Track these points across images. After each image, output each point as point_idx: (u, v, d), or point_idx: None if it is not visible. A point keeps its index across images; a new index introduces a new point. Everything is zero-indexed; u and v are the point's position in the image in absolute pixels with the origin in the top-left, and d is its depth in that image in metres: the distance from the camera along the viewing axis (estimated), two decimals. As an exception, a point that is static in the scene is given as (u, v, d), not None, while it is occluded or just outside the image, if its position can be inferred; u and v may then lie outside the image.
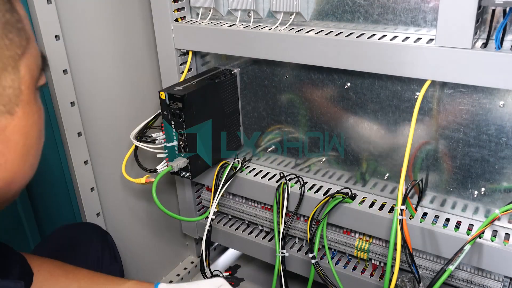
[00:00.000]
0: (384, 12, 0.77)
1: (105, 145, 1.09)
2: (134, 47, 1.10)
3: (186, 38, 0.96)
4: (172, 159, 0.93)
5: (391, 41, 0.73)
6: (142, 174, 0.98)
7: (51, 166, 0.99)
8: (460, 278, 0.81)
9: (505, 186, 0.76)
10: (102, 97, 1.06)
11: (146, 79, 1.14)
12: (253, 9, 0.88)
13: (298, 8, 0.83)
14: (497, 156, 0.75)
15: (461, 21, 0.65)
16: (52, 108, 0.96)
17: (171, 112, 0.88)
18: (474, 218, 0.81)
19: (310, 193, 0.92)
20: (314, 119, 0.92)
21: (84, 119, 1.02)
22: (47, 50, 0.90)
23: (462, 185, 0.81)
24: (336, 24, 0.83)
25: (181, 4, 0.97)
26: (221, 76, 0.95)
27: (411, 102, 0.80)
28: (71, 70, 0.96)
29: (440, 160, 0.81)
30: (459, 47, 0.67)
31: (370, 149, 0.88)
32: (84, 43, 0.99)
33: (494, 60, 0.65)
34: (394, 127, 0.84)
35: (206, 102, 0.92)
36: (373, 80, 0.82)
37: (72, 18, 0.95)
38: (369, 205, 0.87)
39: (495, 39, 0.65)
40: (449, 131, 0.78)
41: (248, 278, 1.26)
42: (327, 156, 0.94)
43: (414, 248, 0.82)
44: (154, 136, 0.95)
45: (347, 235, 0.93)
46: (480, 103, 0.74)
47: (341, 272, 0.94)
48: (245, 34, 0.87)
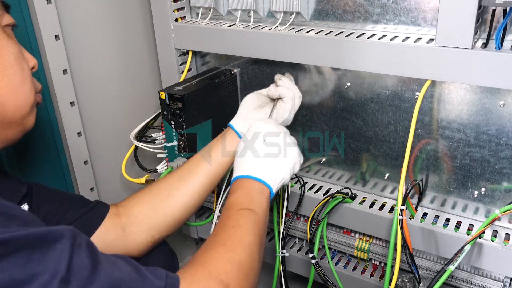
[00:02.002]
0: (384, 12, 0.77)
1: (105, 145, 1.09)
2: (134, 47, 1.10)
3: (186, 38, 0.96)
4: (172, 159, 0.93)
5: (391, 41, 0.73)
6: (142, 174, 0.98)
7: (51, 166, 0.99)
8: (460, 278, 0.81)
9: (505, 186, 0.76)
10: (102, 97, 1.06)
11: (146, 79, 1.14)
12: (253, 9, 0.88)
13: (298, 8, 0.83)
14: (497, 156, 0.75)
15: (462, 21, 0.65)
16: (52, 108, 0.96)
17: (171, 112, 0.88)
18: (474, 218, 0.81)
19: (310, 193, 0.92)
20: (314, 119, 0.92)
21: (84, 119, 1.02)
22: (47, 50, 0.90)
23: (462, 185, 0.80)
24: (336, 24, 0.83)
25: (181, 4, 0.97)
26: (221, 76, 0.95)
27: (411, 102, 0.80)
28: (71, 70, 0.96)
29: (440, 160, 0.81)
30: (459, 47, 0.67)
31: (370, 149, 0.88)
32: (84, 43, 0.99)
33: (494, 60, 0.65)
34: (394, 127, 0.83)
35: (206, 102, 0.91)
36: (373, 80, 0.82)
37: (72, 18, 0.95)
38: (369, 205, 0.87)
39: (495, 39, 0.65)
40: (449, 131, 0.78)
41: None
42: (327, 156, 0.94)
43: (414, 248, 0.82)
44: (154, 136, 0.95)
45: (347, 235, 0.93)
46: (480, 103, 0.74)
47: (341, 272, 0.94)
48: (245, 34, 0.87)
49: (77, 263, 0.43)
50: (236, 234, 0.60)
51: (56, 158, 0.99)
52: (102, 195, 1.10)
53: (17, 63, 0.58)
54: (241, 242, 0.59)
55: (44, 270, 0.41)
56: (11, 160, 0.90)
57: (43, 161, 0.97)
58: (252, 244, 0.59)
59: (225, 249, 0.57)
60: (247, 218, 0.62)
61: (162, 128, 0.92)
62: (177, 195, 0.77)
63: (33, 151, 0.95)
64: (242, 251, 0.57)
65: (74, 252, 0.44)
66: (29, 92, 0.60)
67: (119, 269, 0.46)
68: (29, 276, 0.40)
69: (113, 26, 1.04)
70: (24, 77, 0.59)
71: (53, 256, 0.42)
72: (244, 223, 0.62)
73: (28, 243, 0.41)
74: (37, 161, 0.96)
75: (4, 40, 0.57)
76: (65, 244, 0.43)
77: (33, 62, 0.64)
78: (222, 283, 0.52)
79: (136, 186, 1.14)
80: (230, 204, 0.66)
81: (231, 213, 0.64)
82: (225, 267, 0.54)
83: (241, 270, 0.55)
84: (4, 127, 0.58)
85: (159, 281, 0.48)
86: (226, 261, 0.55)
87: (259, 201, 0.66)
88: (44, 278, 0.40)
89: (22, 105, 0.59)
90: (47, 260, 0.42)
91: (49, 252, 0.42)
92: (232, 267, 0.55)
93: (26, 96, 0.59)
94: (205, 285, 0.51)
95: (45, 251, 0.42)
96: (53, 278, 0.41)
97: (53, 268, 0.41)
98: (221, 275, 0.53)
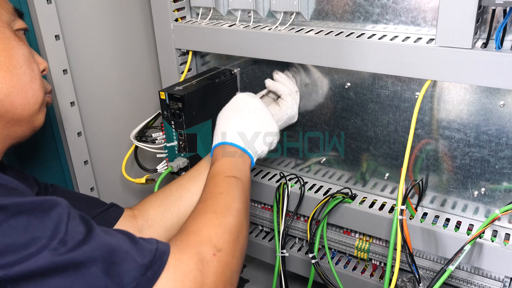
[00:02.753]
0: (384, 12, 0.77)
1: (105, 145, 1.09)
2: (134, 47, 1.10)
3: (186, 38, 0.96)
4: (172, 159, 0.93)
5: (391, 41, 0.73)
6: (142, 174, 0.98)
7: (51, 166, 0.99)
8: (460, 278, 0.81)
9: (505, 186, 0.76)
10: (102, 97, 1.06)
11: (146, 79, 1.14)
12: (253, 9, 0.88)
13: (298, 8, 0.83)
14: (497, 156, 0.75)
15: (461, 21, 0.65)
16: (52, 108, 0.96)
17: (171, 112, 0.88)
18: (474, 218, 0.81)
19: (310, 193, 0.92)
20: (314, 119, 0.92)
21: (84, 119, 1.02)
22: (47, 50, 0.90)
23: (462, 185, 0.81)
24: (336, 24, 0.83)
25: (181, 4, 0.97)
26: (221, 76, 0.95)
27: (411, 102, 0.80)
28: (71, 70, 0.96)
29: (440, 160, 0.81)
30: (459, 47, 0.67)
31: (370, 149, 0.88)
32: (84, 43, 0.99)
33: (494, 60, 0.65)
34: (394, 127, 0.84)
35: (206, 102, 0.91)
36: (373, 80, 0.82)
37: (72, 18, 0.95)
38: (369, 205, 0.87)
39: (495, 39, 0.65)
40: (449, 131, 0.78)
41: (248, 278, 1.26)
42: (327, 156, 0.94)
43: (414, 248, 0.82)
44: (154, 136, 0.95)
45: (347, 235, 0.93)
46: (480, 103, 0.74)
47: (341, 272, 0.94)
48: (245, 34, 0.87)
49: (72, 228, 0.45)
50: (225, 201, 0.62)
51: (56, 158, 0.99)
52: (102, 195, 1.10)
53: (27, 64, 0.61)
54: (230, 208, 0.61)
55: (43, 235, 0.43)
56: (11, 160, 0.90)
57: (43, 161, 0.97)
58: (240, 210, 0.62)
59: (216, 216, 0.59)
60: (234, 185, 0.65)
61: (162, 128, 0.92)
62: (188, 195, 0.78)
63: (33, 151, 0.95)
64: (232, 217, 0.59)
65: (69, 219, 0.46)
66: (38, 91, 0.62)
67: (112, 235, 0.48)
68: (29, 240, 0.42)
69: (113, 26, 1.04)
70: (33, 77, 0.62)
71: (51, 222, 0.44)
72: (231, 190, 0.64)
73: (27, 209, 0.44)
74: (37, 161, 0.96)
75: (15, 42, 0.61)
76: (62, 211, 0.46)
77: (43, 65, 0.67)
78: (215, 247, 0.54)
79: (136, 186, 1.14)
80: (216, 171, 0.68)
81: (218, 180, 0.66)
82: (216, 232, 0.56)
83: (231, 234, 0.57)
84: (13, 124, 0.61)
85: (150, 245, 0.49)
86: (217, 227, 0.57)
87: (243, 170, 0.69)
88: (43, 243, 0.42)
89: (31, 104, 0.62)
90: (45, 225, 0.44)
91: (46, 218, 0.44)
92: (224, 232, 0.57)
93: (35, 95, 0.62)
94: (197, 250, 0.52)
95: (43, 217, 0.44)
96: (51, 241, 0.43)
97: (50, 232, 0.43)
98: (213, 240, 0.55)
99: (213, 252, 0.53)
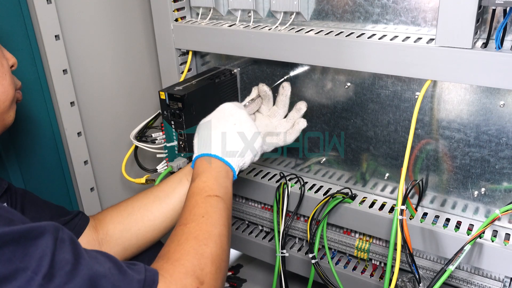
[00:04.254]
0: (384, 12, 0.77)
1: (105, 145, 1.09)
2: (134, 47, 1.10)
3: (186, 38, 0.96)
4: (172, 159, 0.93)
5: (391, 41, 0.73)
6: (142, 174, 0.98)
7: (51, 166, 0.99)
8: (460, 278, 0.81)
9: (505, 186, 0.76)
10: (102, 97, 1.06)
11: (146, 79, 1.14)
12: (253, 9, 0.88)
13: (298, 8, 0.83)
14: (497, 156, 0.75)
15: (462, 21, 0.65)
16: (52, 108, 0.96)
17: (171, 112, 0.88)
18: (474, 218, 0.81)
19: (310, 193, 0.92)
20: (314, 119, 0.92)
21: (84, 119, 1.02)
22: (47, 50, 0.90)
23: (462, 185, 0.81)
24: (336, 24, 0.83)
25: (181, 4, 0.97)
26: (221, 76, 0.95)
27: (411, 102, 0.80)
28: (71, 70, 0.96)
29: (440, 160, 0.81)
30: (460, 47, 0.67)
31: (370, 149, 0.88)
32: (84, 43, 0.99)
33: (494, 60, 0.65)
34: (394, 127, 0.84)
35: (206, 102, 0.91)
36: (373, 80, 0.82)
37: (72, 18, 0.95)
38: (369, 205, 0.87)
39: (495, 39, 0.65)
40: (449, 131, 0.78)
41: (248, 278, 1.26)
42: (327, 156, 0.94)
43: (414, 248, 0.82)
44: (154, 136, 0.95)
45: (347, 235, 0.93)
46: (480, 103, 0.74)
47: (341, 272, 0.94)
48: (245, 34, 0.87)
49: (59, 258, 0.44)
50: (207, 226, 0.60)
51: (56, 158, 0.99)
52: (102, 195, 1.10)
53: None
54: (212, 234, 0.59)
55: (27, 266, 0.42)
56: (11, 160, 0.90)
57: (43, 161, 0.97)
58: (222, 235, 0.61)
59: (198, 243, 0.58)
60: (216, 207, 0.63)
61: (162, 128, 0.92)
62: (151, 217, 0.77)
63: (33, 151, 0.95)
64: (213, 244, 0.58)
65: (56, 247, 0.44)
66: (7, 88, 0.61)
67: (100, 264, 0.47)
68: (13, 271, 0.41)
69: (113, 26, 1.04)
70: (3, 73, 0.61)
71: (36, 252, 0.43)
72: (213, 212, 0.62)
73: (12, 239, 0.42)
74: (37, 161, 0.96)
75: None
76: (48, 239, 0.44)
77: (12, 61, 0.66)
78: (198, 279, 0.53)
79: (136, 186, 1.14)
80: (197, 189, 0.65)
81: (199, 200, 0.64)
82: (199, 263, 0.55)
83: (214, 263, 0.57)
84: None
85: (138, 275, 0.49)
86: (200, 256, 0.56)
87: (225, 186, 0.67)
88: (27, 274, 0.41)
89: (1, 101, 0.61)
90: (30, 256, 0.42)
91: (32, 248, 0.43)
92: (206, 262, 0.56)
93: (5, 92, 0.61)
94: (182, 283, 0.52)
95: (28, 247, 0.43)
96: (36, 274, 0.41)
97: (36, 264, 0.42)
98: (196, 271, 0.54)
99: (196, 286, 0.53)
